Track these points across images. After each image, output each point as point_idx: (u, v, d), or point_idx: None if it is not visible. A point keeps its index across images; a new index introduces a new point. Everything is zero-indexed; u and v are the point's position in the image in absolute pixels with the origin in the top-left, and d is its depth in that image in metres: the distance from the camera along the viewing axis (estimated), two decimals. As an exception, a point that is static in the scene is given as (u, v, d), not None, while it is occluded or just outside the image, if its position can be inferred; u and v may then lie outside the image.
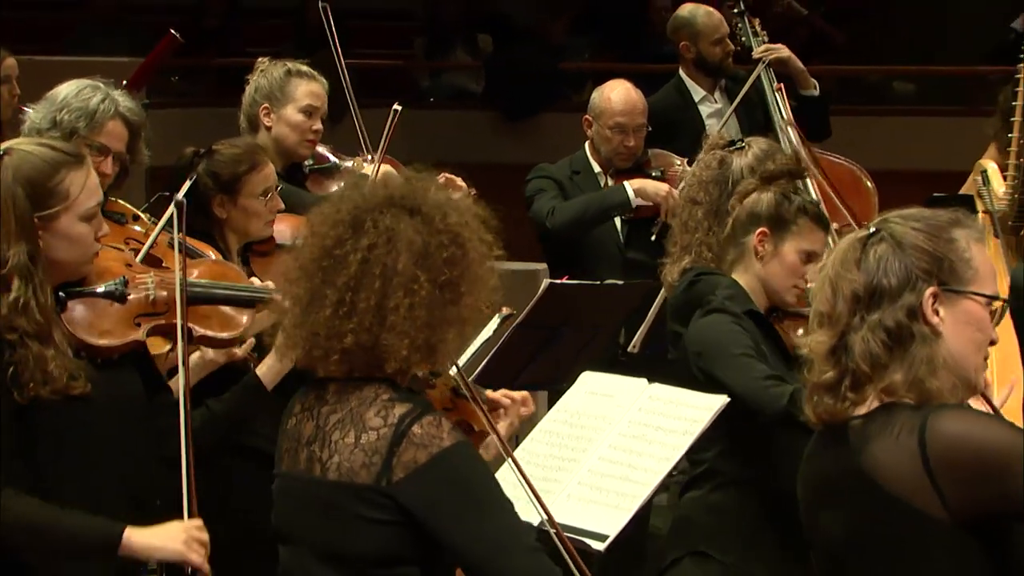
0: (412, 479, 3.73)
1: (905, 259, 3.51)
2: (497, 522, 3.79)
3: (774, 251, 5.28)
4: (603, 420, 5.20)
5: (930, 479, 3.41)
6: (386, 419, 3.76)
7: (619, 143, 7.99)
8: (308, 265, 3.86)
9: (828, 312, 3.55)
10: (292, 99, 6.73)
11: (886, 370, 3.49)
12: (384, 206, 3.84)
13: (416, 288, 3.76)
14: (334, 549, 3.83)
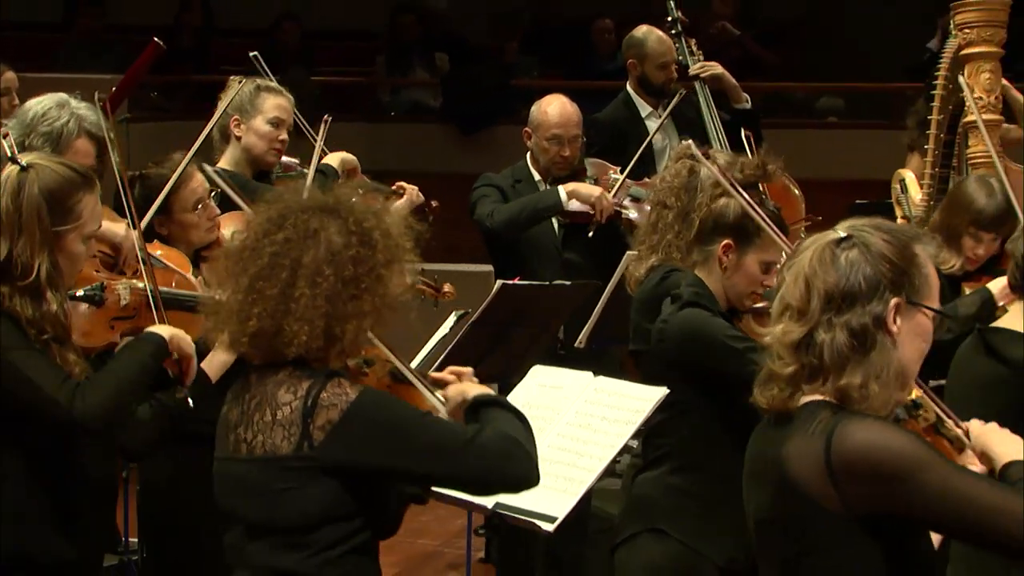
0: (332, 437, 3.81)
1: (875, 267, 3.52)
2: (427, 434, 3.88)
3: (737, 262, 5.24)
4: (552, 411, 5.20)
5: (830, 476, 3.44)
6: (295, 393, 3.84)
7: (556, 153, 7.99)
8: (234, 254, 3.95)
9: (800, 307, 3.54)
10: (261, 111, 6.76)
11: (844, 371, 3.50)
12: (309, 208, 3.92)
13: (320, 281, 3.84)
14: (265, 523, 3.88)
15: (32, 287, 4.36)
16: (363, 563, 3.97)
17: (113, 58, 12.73)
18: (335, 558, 3.88)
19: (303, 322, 3.83)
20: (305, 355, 3.87)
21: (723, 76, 8.98)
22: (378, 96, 14.72)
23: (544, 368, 5.46)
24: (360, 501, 3.89)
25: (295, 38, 14.36)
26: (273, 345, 3.87)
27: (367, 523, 3.92)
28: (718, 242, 5.22)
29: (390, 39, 14.76)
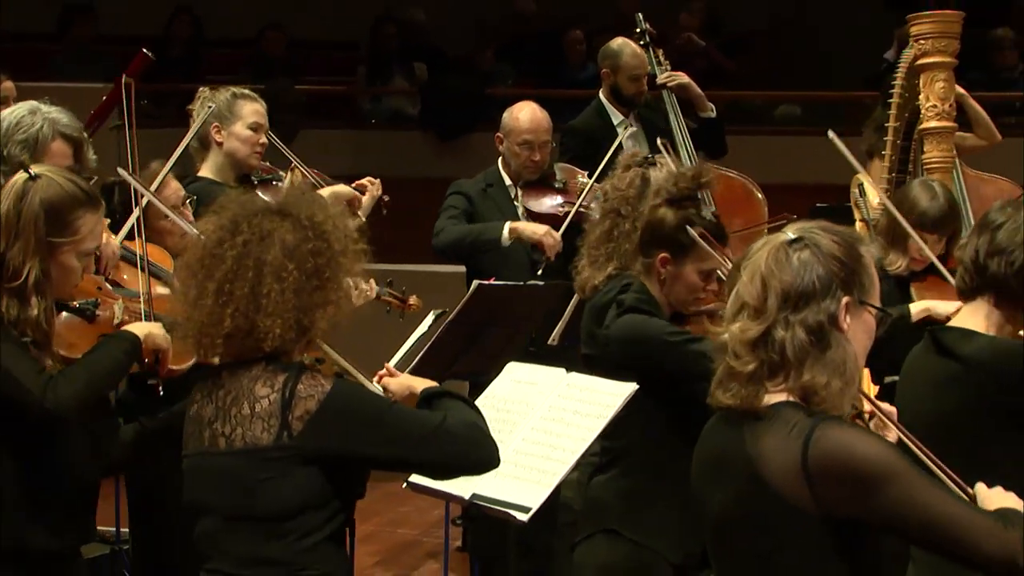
0: (311, 426, 3.85)
1: (827, 267, 3.53)
2: (400, 423, 3.94)
3: (676, 272, 5.24)
4: (526, 405, 5.20)
5: (806, 478, 3.43)
6: (272, 387, 3.88)
7: (527, 158, 8.00)
8: (193, 264, 3.97)
9: (758, 306, 3.53)
10: (240, 117, 6.80)
11: (804, 367, 3.50)
12: (259, 212, 3.96)
13: (285, 276, 3.88)
14: (245, 512, 3.90)
15: (19, 290, 4.36)
16: (335, 551, 3.99)
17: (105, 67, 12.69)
18: (310, 546, 3.91)
19: (275, 317, 3.87)
20: (279, 348, 3.91)
21: (689, 86, 9.06)
22: (359, 104, 14.71)
23: (519, 365, 5.46)
24: (336, 487, 3.93)
25: (280, 48, 14.35)
26: (247, 342, 3.90)
27: (342, 509, 3.96)
28: (655, 255, 5.23)
29: (371, 49, 14.74)
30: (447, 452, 3.97)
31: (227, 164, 6.74)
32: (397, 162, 12.59)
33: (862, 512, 3.42)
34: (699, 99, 9.08)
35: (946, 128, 6.82)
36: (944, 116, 6.83)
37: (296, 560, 3.89)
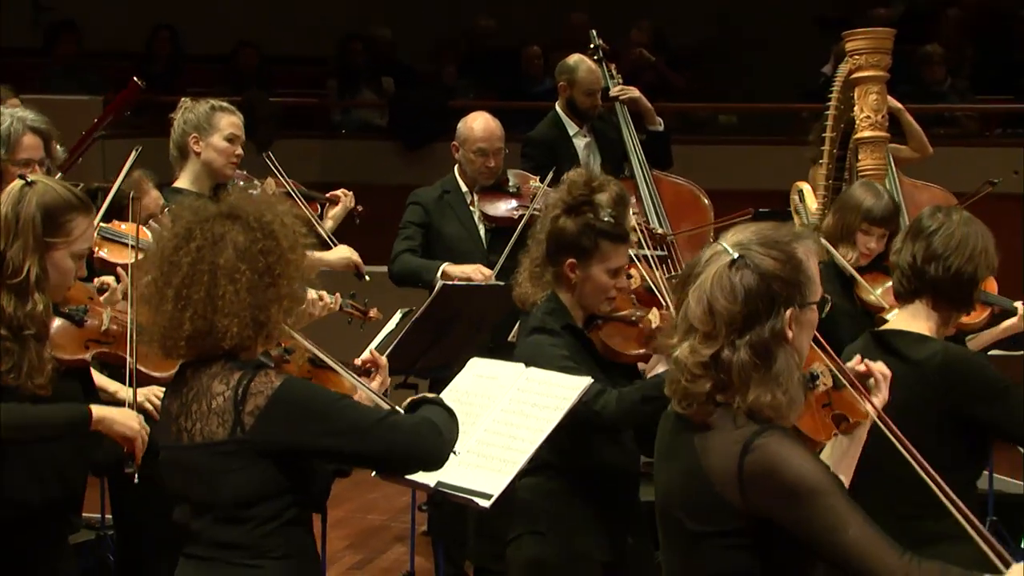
0: (261, 421, 3.84)
1: (768, 287, 3.53)
2: (345, 416, 3.92)
3: (584, 275, 5.24)
4: (488, 398, 5.19)
5: (739, 479, 3.47)
6: (228, 384, 3.88)
7: (482, 164, 7.99)
8: (153, 272, 3.96)
9: (707, 331, 3.53)
10: (218, 129, 6.73)
11: (749, 387, 3.51)
12: (211, 217, 3.95)
13: (238, 277, 3.87)
14: (207, 500, 3.91)
15: (20, 286, 4.43)
16: (297, 533, 3.99)
17: (89, 81, 12.68)
18: (271, 530, 3.91)
19: (232, 316, 3.87)
20: (238, 345, 3.91)
21: (640, 99, 9.11)
22: (330, 116, 14.69)
23: (481, 360, 5.45)
24: (290, 479, 3.92)
25: (254, 63, 14.33)
26: (208, 342, 3.90)
27: (296, 499, 3.94)
28: (563, 262, 5.23)
29: (340, 64, 14.73)
30: (391, 444, 3.94)
31: (204, 173, 6.68)
32: (366, 170, 12.60)
33: (784, 523, 3.45)
34: (648, 112, 9.12)
35: (879, 138, 6.85)
36: (877, 126, 6.85)
37: (257, 544, 3.89)
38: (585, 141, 8.91)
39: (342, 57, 14.72)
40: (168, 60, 14.26)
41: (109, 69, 13.13)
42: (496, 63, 14.68)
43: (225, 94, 7.18)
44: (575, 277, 5.24)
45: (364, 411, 4.00)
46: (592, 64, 8.97)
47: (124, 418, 4.59)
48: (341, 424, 3.89)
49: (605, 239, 5.21)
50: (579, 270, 5.23)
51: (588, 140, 8.93)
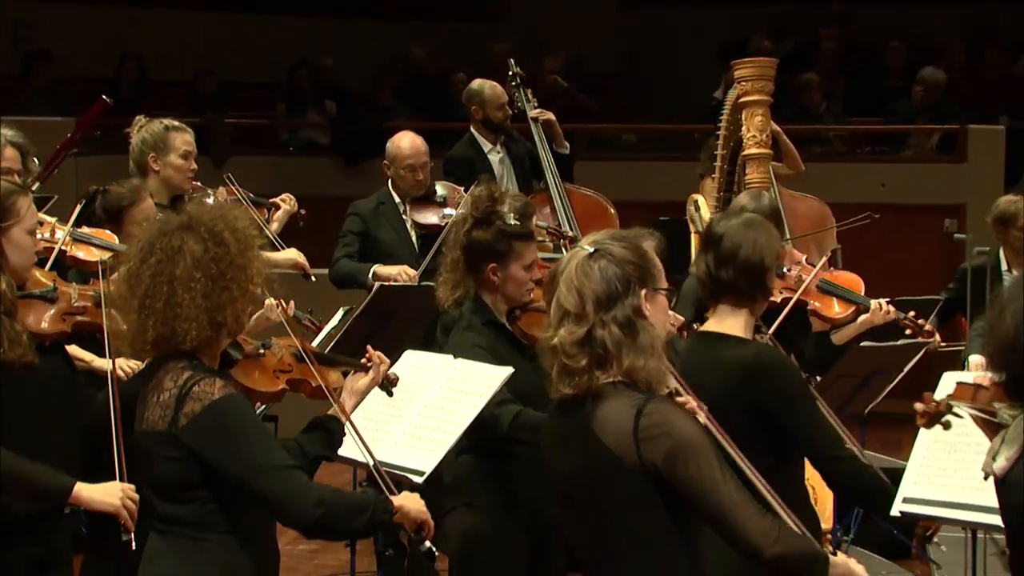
0: (191, 425, 3.82)
1: (623, 270, 3.63)
2: (253, 451, 3.83)
3: (505, 275, 5.30)
4: (421, 386, 5.22)
5: (635, 441, 3.53)
6: (176, 382, 3.85)
7: (412, 178, 7.98)
8: (121, 284, 3.98)
9: (578, 312, 3.62)
10: (173, 148, 6.69)
11: (623, 355, 3.59)
12: (171, 230, 3.94)
13: (194, 285, 3.85)
14: (160, 481, 3.91)
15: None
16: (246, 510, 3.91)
17: (63, 105, 12.56)
18: (212, 509, 3.88)
19: (190, 321, 3.85)
20: (199, 345, 3.90)
21: (553, 123, 9.15)
22: (279, 135, 14.65)
23: (414, 352, 5.49)
24: (212, 478, 3.86)
25: (212, 88, 14.28)
26: (171, 343, 3.89)
27: (227, 492, 3.87)
28: (484, 267, 5.30)
29: (288, 89, 14.72)
30: (281, 493, 3.82)
31: (162, 188, 6.63)
32: (311, 184, 12.55)
33: (673, 478, 3.52)
34: (558, 136, 9.19)
35: (763, 154, 6.90)
36: (762, 144, 6.90)
37: (200, 520, 3.87)
38: (499, 157, 8.96)
39: (290, 83, 14.71)
40: (135, 85, 14.16)
41: (81, 94, 13.02)
42: (427, 88, 14.70)
43: (186, 116, 7.16)
44: (498, 279, 5.28)
45: (270, 453, 3.86)
46: (492, 82, 9.04)
47: (104, 495, 4.48)
48: (247, 456, 3.81)
49: (517, 240, 5.30)
50: (500, 272, 5.29)
51: (502, 156, 8.99)
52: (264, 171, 12.53)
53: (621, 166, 12.87)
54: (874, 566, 7.65)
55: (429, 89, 14.67)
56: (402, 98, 14.70)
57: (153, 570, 3.93)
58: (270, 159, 13.49)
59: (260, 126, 14.76)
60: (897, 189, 12.68)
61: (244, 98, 14.92)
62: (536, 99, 9.39)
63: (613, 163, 12.90)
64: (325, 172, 13.45)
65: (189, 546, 3.88)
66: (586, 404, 3.62)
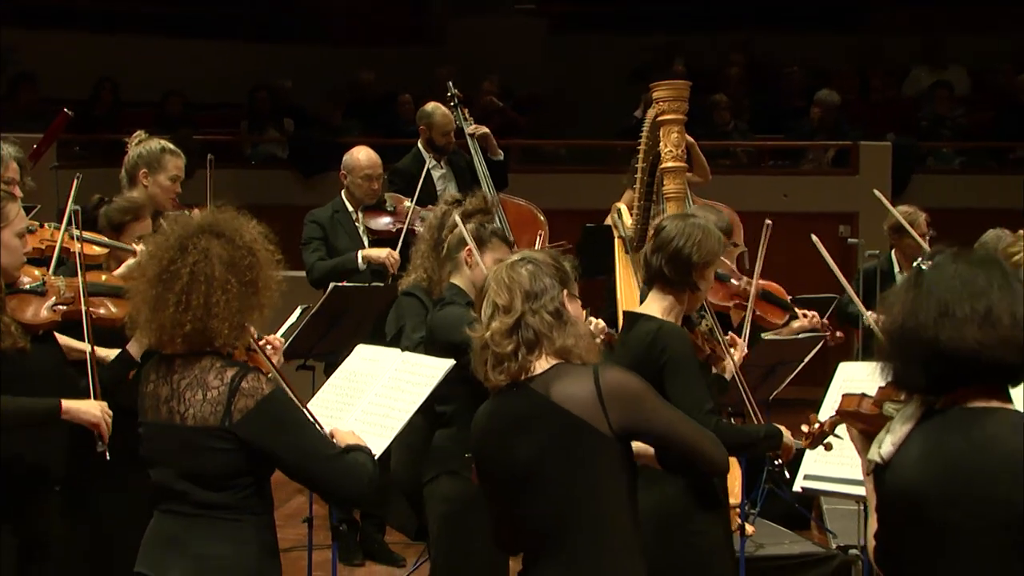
0: (245, 420, 3.77)
1: (548, 272, 3.80)
2: (306, 441, 3.84)
3: (478, 262, 5.34)
4: (372, 376, 5.20)
5: (600, 401, 3.59)
6: (222, 379, 3.80)
7: (367, 187, 8.06)
8: (152, 278, 3.88)
9: (507, 306, 3.72)
10: (165, 169, 6.64)
11: (554, 336, 3.69)
12: (198, 232, 3.88)
13: (229, 287, 3.82)
14: (193, 471, 3.83)
15: None
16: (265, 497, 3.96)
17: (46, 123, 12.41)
18: (247, 495, 3.87)
19: (224, 320, 3.81)
20: (225, 344, 3.86)
21: (488, 136, 9.17)
22: (242, 150, 14.57)
23: (365, 346, 5.47)
24: (258, 465, 3.86)
25: (180, 108, 14.19)
26: (200, 339, 3.83)
27: (265, 475, 3.91)
28: (462, 250, 5.42)
29: (250, 108, 14.64)
30: (335, 476, 3.87)
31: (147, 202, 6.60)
32: (270, 194, 12.51)
33: (637, 421, 3.63)
34: (493, 146, 9.23)
35: (679, 167, 6.88)
36: (678, 159, 6.88)
37: (239, 504, 3.85)
38: (441, 172, 9.01)
39: (251, 103, 14.62)
40: (110, 106, 14.08)
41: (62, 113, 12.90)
42: (374, 108, 14.68)
43: (157, 133, 7.07)
44: (472, 262, 5.39)
45: (321, 441, 3.92)
46: (445, 110, 9.06)
47: (88, 407, 4.57)
48: (301, 445, 3.84)
49: (495, 237, 5.48)
50: (475, 257, 5.37)
51: (444, 171, 9.04)
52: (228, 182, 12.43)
53: (550, 178, 12.88)
54: (778, 536, 7.69)
55: (376, 109, 14.64)
56: (352, 117, 14.66)
57: (183, 551, 3.87)
58: (233, 172, 13.37)
59: (224, 142, 14.66)
60: (797, 199, 12.79)
61: (209, 117, 14.83)
62: (473, 117, 9.44)
63: (543, 175, 12.91)
64: (284, 183, 13.40)
65: (227, 527, 3.86)
66: (535, 388, 3.65)
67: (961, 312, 3.03)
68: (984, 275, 3.08)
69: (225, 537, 3.84)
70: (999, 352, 3.01)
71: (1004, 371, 3.05)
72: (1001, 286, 3.06)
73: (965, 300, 3.04)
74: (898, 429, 3.15)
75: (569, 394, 3.61)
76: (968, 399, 3.07)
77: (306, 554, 6.80)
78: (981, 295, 3.04)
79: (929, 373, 3.08)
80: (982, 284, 3.06)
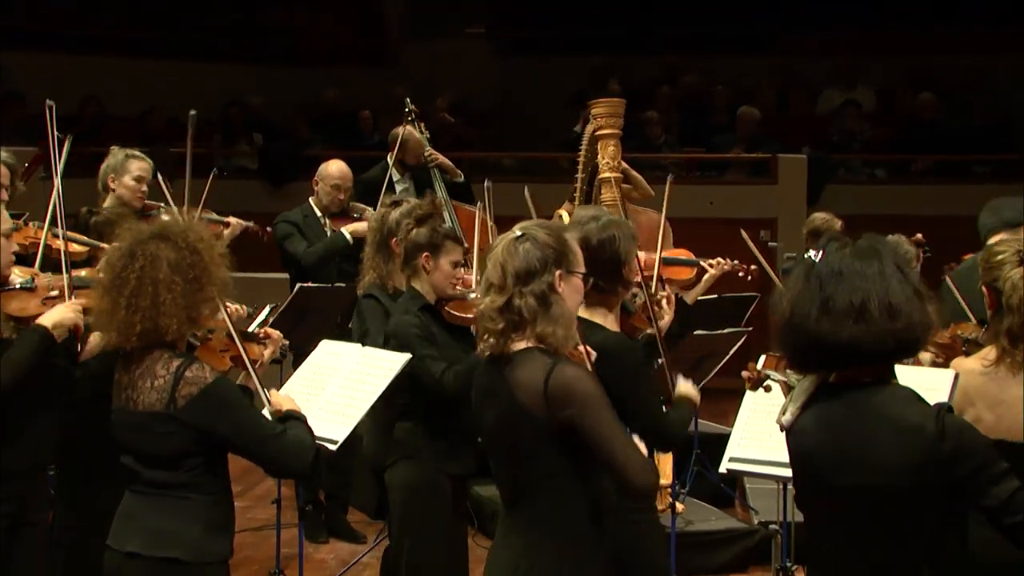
0: (189, 405, 3.81)
1: (543, 252, 3.61)
2: (250, 422, 3.85)
3: (435, 266, 5.32)
4: (335, 369, 5.18)
5: (545, 397, 3.50)
6: (168, 369, 3.83)
7: (335, 195, 8.02)
8: (107, 284, 3.91)
9: (500, 284, 3.61)
10: (128, 172, 6.81)
11: (537, 322, 3.57)
12: (147, 239, 3.90)
13: (174, 286, 3.82)
14: (147, 452, 3.87)
15: None
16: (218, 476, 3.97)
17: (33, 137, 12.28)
18: (199, 474, 3.88)
19: (172, 317, 3.83)
20: (177, 337, 3.89)
21: (445, 163, 9.20)
22: (215, 161, 14.48)
23: (329, 341, 5.45)
24: (206, 447, 3.87)
25: (160, 123, 14.10)
26: (154, 335, 3.85)
27: (216, 457, 3.92)
28: (419, 256, 5.27)
29: (223, 123, 14.57)
30: (275, 454, 3.90)
31: (118, 204, 6.67)
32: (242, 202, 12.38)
33: (570, 420, 3.50)
34: (452, 170, 9.24)
35: (615, 177, 6.92)
36: (614, 169, 6.91)
37: (188, 484, 3.87)
38: (404, 186, 9.02)
39: (224, 118, 14.56)
40: (94, 121, 13.95)
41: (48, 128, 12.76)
42: (337, 123, 14.64)
43: (138, 146, 7.12)
44: (429, 267, 5.31)
45: (265, 423, 3.93)
46: (418, 135, 9.10)
47: (66, 310, 4.50)
48: (245, 427, 3.85)
49: (449, 239, 5.35)
50: (432, 261, 5.30)
51: (407, 185, 9.05)
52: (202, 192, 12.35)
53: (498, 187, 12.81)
54: (705, 513, 7.71)
55: (339, 124, 14.61)
56: (317, 131, 14.63)
57: (138, 526, 3.91)
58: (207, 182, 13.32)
59: (199, 154, 14.54)
60: (722, 206, 12.83)
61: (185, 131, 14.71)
62: (428, 132, 9.43)
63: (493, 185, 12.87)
64: (254, 192, 13.33)
65: (176, 505, 3.87)
66: (505, 366, 3.60)
67: (839, 306, 3.09)
68: (863, 266, 3.12)
69: (174, 514, 3.87)
70: (874, 345, 3.08)
71: (881, 357, 3.13)
72: (878, 277, 3.11)
73: (844, 293, 3.10)
74: (798, 398, 3.24)
75: (521, 381, 3.56)
76: (856, 376, 3.16)
77: (275, 533, 6.75)
78: (858, 288, 3.10)
79: (814, 360, 3.18)
80: (860, 277, 3.11)
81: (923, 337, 3.14)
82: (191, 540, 3.86)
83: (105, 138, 13.07)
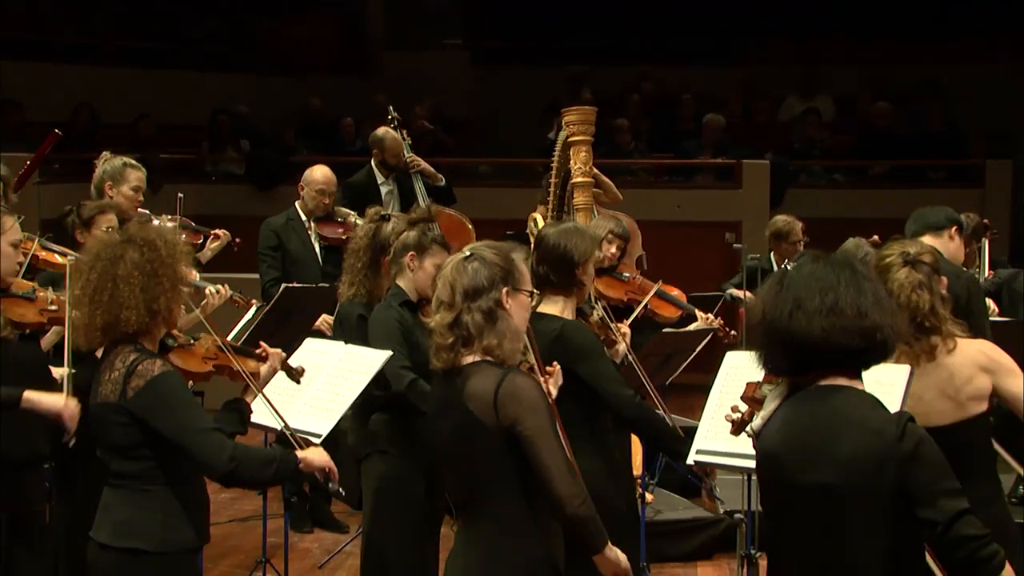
0: (136, 397, 3.80)
1: (490, 270, 3.61)
2: (184, 416, 3.80)
3: (420, 266, 5.30)
4: (319, 366, 5.17)
5: (494, 405, 3.50)
6: (124, 362, 3.84)
7: (320, 200, 7.96)
8: (79, 294, 3.94)
9: (449, 301, 3.60)
10: (127, 181, 6.67)
11: (483, 336, 3.57)
12: (110, 245, 3.94)
13: (133, 280, 3.83)
14: (111, 444, 3.87)
15: None
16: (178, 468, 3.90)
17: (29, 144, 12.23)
18: (156, 465, 3.86)
19: (132, 309, 3.83)
20: (140, 329, 3.86)
21: (426, 169, 9.20)
22: (203, 166, 14.44)
23: (313, 339, 5.46)
24: (154, 439, 3.83)
25: (150, 130, 14.02)
26: (116, 330, 3.86)
27: (169, 451, 3.84)
28: (406, 255, 5.28)
29: (210, 130, 14.51)
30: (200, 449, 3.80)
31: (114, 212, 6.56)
32: (229, 206, 12.42)
33: (513, 426, 3.49)
34: (433, 175, 9.23)
35: (587, 183, 6.90)
36: (586, 175, 6.89)
37: (146, 475, 3.86)
38: (388, 189, 9.02)
39: (212, 125, 14.50)
40: (87, 128, 13.88)
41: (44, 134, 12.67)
42: (321, 130, 14.61)
43: (129, 152, 7.06)
44: (414, 266, 5.29)
45: (198, 418, 3.86)
46: (395, 135, 9.08)
47: (52, 399, 4.40)
48: (180, 420, 3.80)
49: (436, 243, 5.33)
50: (416, 261, 5.29)
51: (391, 188, 9.06)
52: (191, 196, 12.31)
53: (475, 191, 12.83)
54: (673, 502, 7.72)
55: (323, 131, 14.57)
56: (302, 137, 14.60)
57: (108, 517, 3.91)
58: (195, 187, 13.25)
59: (188, 159, 14.52)
60: (689, 209, 12.88)
61: (175, 138, 14.68)
62: (410, 139, 9.43)
63: (470, 189, 12.83)
64: (241, 197, 13.29)
65: (137, 496, 3.86)
66: (457, 379, 3.59)
67: (811, 305, 3.14)
68: (835, 274, 3.19)
69: (135, 504, 3.85)
70: (843, 338, 3.12)
71: (851, 354, 3.16)
72: (848, 283, 3.17)
73: (816, 295, 3.15)
74: (769, 405, 3.28)
75: (473, 391, 3.54)
76: (824, 378, 3.20)
77: (261, 523, 6.73)
78: (830, 290, 3.15)
79: (788, 358, 3.20)
80: (832, 281, 3.17)
81: (891, 340, 3.18)
82: (152, 530, 3.83)
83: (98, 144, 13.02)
